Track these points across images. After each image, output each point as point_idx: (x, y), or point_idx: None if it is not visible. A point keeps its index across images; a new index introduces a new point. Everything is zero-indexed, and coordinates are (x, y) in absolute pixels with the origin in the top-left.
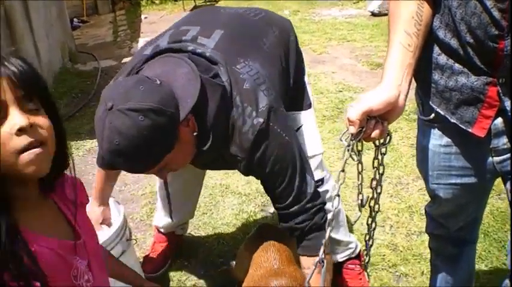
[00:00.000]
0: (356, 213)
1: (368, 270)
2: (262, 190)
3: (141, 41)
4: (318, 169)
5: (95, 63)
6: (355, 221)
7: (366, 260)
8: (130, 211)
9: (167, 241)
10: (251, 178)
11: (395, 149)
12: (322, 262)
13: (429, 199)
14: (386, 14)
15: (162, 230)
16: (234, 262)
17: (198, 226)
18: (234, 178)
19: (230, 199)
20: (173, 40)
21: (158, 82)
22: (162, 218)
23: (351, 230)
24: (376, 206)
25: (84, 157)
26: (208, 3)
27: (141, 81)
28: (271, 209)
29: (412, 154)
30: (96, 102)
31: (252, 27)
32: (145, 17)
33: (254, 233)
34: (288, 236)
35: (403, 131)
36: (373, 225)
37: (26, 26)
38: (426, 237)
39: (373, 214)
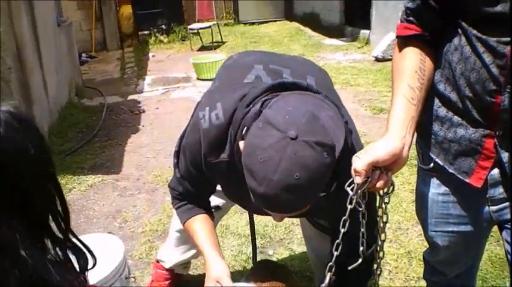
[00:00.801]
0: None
1: None
2: (262, 231)
3: (148, 79)
4: None
5: (101, 98)
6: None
7: None
8: (130, 248)
9: (167, 279)
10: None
11: (395, 195)
12: None
13: (428, 245)
14: (390, 59)
15: (165, 264)
16: None
17: (197, 266)
18: (234, 219)
19: (230, 239)
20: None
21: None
22: (169, 253)
23: None
24: (381, 253)
25: (86, 192)
26: (215, 43)
27: (317, 116)
28: (270, 251)
29: (412, 199)
30: (101, 138)
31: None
32: (153, 55)
33: (253, 269)
34: (285, 273)
35: (404, 177)
36: (379, 271)
37: (35, 60)
38: (424, 283)
39: (379, 261)
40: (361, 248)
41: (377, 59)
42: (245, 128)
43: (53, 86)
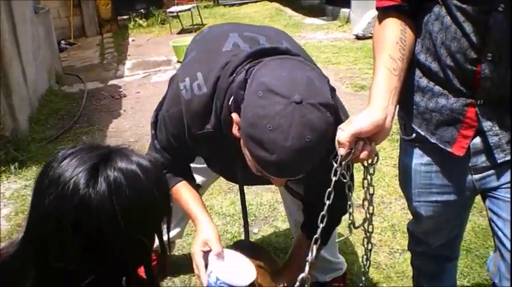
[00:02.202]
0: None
1: None
2: (247, 210)
3: (128, 64)
4: None
5: (81, 85)
6: (341, 240)
7: (364, 283)
8: None
9: (152, 260)
10: (235, 199)
11: (378, 169)
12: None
13: (411, 216)
14: (370, 37)
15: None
16: None
17: (182, 247)
18: (218, 199)
19: (214, 219)
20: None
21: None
22: None
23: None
24: (370, 226)
25: None
26: (195, 26)
27: (311, 78)
28: (255, 229)
29: (394, 173)
30: (82, 124)
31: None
32: (133, 40)
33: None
34: (261, 251)
35: (386, 151)
36: (369, 246)
37: (13, 48)
38: (409, 255)
39: (368, 234)
40: (350, 222)
41: (358, 37)
42: (231, 98)
43: (32, 74)
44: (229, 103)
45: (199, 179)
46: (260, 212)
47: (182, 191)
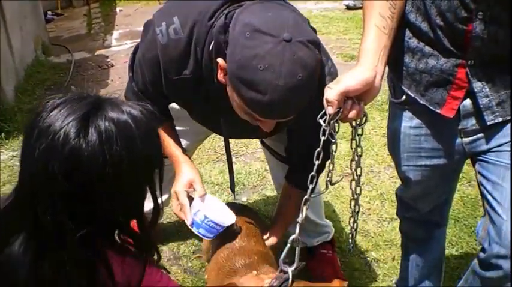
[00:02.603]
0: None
1: (339, 256)
2: (236, 179)
3: (116, 34)
4: None
5: (68, 55)
6: (316, 195)
7: (351, 245)
8: None
9: None
10: (223, 168)
11: (367, 139)
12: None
13: (400, 181)
14: (361, 8)
15: None
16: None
17: (171, 215)
18: (207, 168)
19: None
20: None
21: None
22: None
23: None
24: (358, 189)
25: None
26: None
27: (297, 17)
28: (244, 198)
29: (383, 143)
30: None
31: None
32: (120, 10)
33: None
34: (249, 211)
35: (375, 121)
36: (357, 208)
37: None
38: (397, 223)
39: (356, 196)
40: (327, 178)
41: (348, 8)
42: (212, 43)
43: (18, 44)
44: (210, 49)
45: (184, 143)
46: (249, 181)
47: (162, 133)
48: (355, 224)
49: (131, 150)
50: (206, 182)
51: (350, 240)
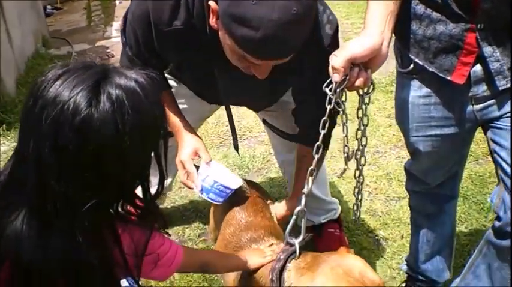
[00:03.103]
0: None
1: (347, 235)
2: (240, 162)
3: (115, 25)
4: None
5: (68, 47)
6: (341, 174)
7: (357, 215)
8: None
9: None
10: (227, 152)
11: (372, 120)
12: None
13: (409, 154)
14: None
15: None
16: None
17: (175, 200)
18: (211, 153)
19: None
20: None
21: None
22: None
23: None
24: (362, 159)
25: None
26: None
27: None
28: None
29: (388, 124)
30: None
31: None
32: (120, 2)
33: None
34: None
35: (380, 103)
36: (361, 179)
37: None
38: (405, 202)
39: (360, 167)
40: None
41: None
42: None
43: (18, 38)
44: None
45: None
46: (253, 164)
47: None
48: (360, 195)
49: (140, 116)
50: None
51: (355, 211)
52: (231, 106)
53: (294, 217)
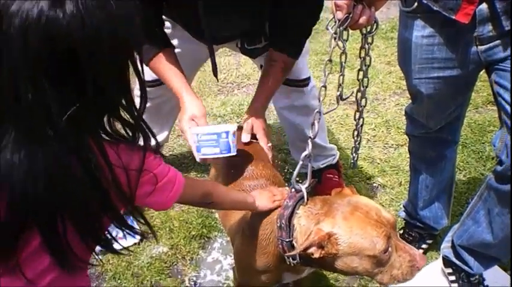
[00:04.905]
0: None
1: (345, 182)
2: (238, 110)
3: None
4: (305, 67)
5: None
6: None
7: (355, 159)
8: None
9: None
10: (225, 100)
11: (372, 67)
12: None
13: (410, 97)
14: None
15: None
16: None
17: (173, 148)
18: (208, 101)
19: None
20: None
21: None
22: None
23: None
24: (363, 100)
25: None
26: None
27: None
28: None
29: (388, 71)
30: None
31: None
32: None
33: None
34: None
35: (380, 49)
36: (361, 121)
37: None
38: (404, 150)
39: (361, 108)
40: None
41: None
42: None
43: None
44: None
45: None
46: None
47: (162, 65)
48: (359, 137)
49: (110, 18)
50: (208, 115)
51: (354, 155)
52: (227, 48)
53: (300, 162)
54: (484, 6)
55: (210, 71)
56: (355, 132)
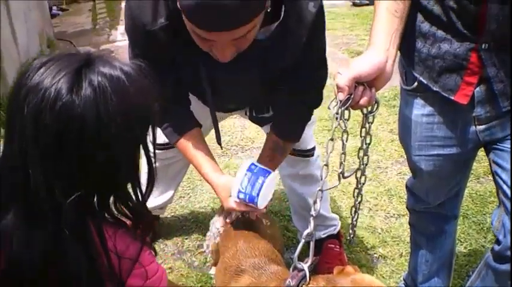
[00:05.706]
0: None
1: (346, 252)
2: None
3: (120, 29)
4: (312, 138)
5: (73, 50)
6: (328, 189)
7: (352, 235)
8: None
9: None
10: (229, 163)
11: (374, 135)
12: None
13: (411, 172)
14: (367, 4)
15: None
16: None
17: (176, 210)
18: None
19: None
20: None
21: None
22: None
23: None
24: (363, 178)
25: None
26: None
27: None
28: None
29: (391, 139)
30: None
31: None
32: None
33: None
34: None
35: (382, 117)
36: (359, 198)
37: (4, 11)
38: (405, 220)
39: (360, 185)
40: (340, 171)
41: (355, 4)
42: None
43: (23, 38)
44: None
45: None
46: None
47: (189, 148)
48: (357, 214)
49: (124, 103)
50: None
51: (350, 231)
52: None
53: (302, 240)
54: (482, 87)
55: (212, 133)
56: (353, 209)
